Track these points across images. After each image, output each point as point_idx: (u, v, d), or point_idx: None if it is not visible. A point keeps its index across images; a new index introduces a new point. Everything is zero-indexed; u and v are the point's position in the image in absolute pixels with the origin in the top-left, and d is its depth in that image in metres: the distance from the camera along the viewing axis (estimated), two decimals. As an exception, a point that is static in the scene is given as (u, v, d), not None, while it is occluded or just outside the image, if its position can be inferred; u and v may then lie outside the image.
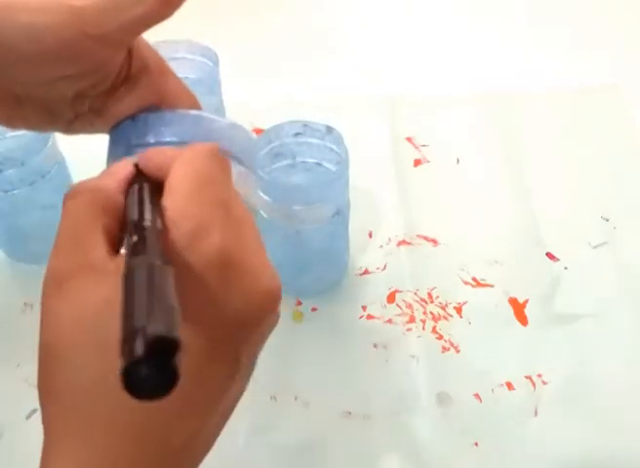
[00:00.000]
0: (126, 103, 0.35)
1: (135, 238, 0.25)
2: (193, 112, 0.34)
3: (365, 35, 0.83)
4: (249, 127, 0.69)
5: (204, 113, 0.35)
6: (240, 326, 0.28)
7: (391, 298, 0.57)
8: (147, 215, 0.27)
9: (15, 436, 0.49)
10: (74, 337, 0.26)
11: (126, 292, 0.22)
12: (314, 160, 0.54)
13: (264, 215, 0.52)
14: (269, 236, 0.55)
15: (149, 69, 0.35)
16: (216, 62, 0.59)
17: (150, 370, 0.20)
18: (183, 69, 0.60)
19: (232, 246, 0.28)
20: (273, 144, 0.53)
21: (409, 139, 0.70)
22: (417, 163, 0.68)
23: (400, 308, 0.56)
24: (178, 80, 0.36)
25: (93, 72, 0.33)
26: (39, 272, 0.58)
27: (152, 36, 0.60)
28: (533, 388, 0.51)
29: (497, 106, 0.73)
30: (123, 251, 0.28)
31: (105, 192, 0.30)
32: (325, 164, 0.54)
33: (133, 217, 0.27)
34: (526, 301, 0.56)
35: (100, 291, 0.27)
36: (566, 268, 0.58)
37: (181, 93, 0.36)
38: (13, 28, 0.29)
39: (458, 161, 0.68)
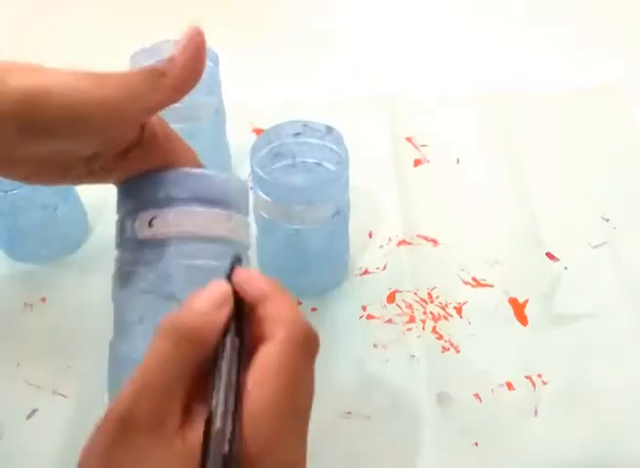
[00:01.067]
0: (137, 165, 0.38)
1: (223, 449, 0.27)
2: (195, 170, 0.39)
3: (365, 35, 0.83)
4: (249, 127, 0.70)
5: (205, 171, 0.39)
6: None
7: (391, 298, 0.57)
8: (229, 411, 0.28)
9: (15, 436, 0.49)
10: None
11: None
12: (314, 160, 0.54)
13: (264, 215, 0.52)
14: (269, 236, 0.55)
15: (157, 134, 0.38)
16: (216, 63, 0.59)
17: None
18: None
19: (292, 462, 0.29)
20: (273, 144, 0.53)
21: (409, 139, 0.70)
22: (417, 163, 0.68)
23: (400, 308, 0.56)
24: (180, 141, 0.40)
25: (109, 142, 0.36)
26: (39, 272, 0.59)
27: (153, 36, 0.60)
28: (533, 388, 0.51)
29: (497, 106, 0.73)
30: (197, 435, 0.28)
31: (206, 344, 0.30)
32: (325, 164, 0.54)
33: (215, 418, 0.28)
34: (526, 301, 0.56)
35: (161, 457, 0.28)
36: (566, 268, 0.58)
37: (184, 153, 0.40)
38: (48, 109, 0.32)
39: (458, 161, 0.68)
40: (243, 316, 0.31)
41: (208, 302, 0.31)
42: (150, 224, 0.37)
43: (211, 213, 0.38)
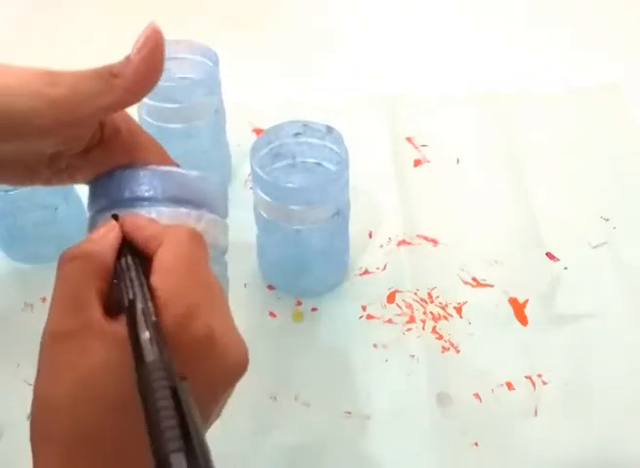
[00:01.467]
0: (101, 163, 0.37)
1: (147, 334, 0.28)
2: (163, 168, 0.38)
3: (365, 35, 0.83)
4: (249, 127, 0.70)
5: (173, 168, 0.38)
6: (213, 392, 0.32)
7: (391, 298, 0.57)
8: (147, 301, 0.30)
9: (15, 436, 0.49)
10: (73, 393, 0.29)
11: (154, 406, 0.26)
12: (314, 160, 0.54)
13: (264, 216, 0.52)
14: (269, 236, 0.55)
15: (120, 131, 0.37)
16: (216, 62, 0.59)
17: None
18: (183, 69, 0.60)
19: (215, 324, 0.31)
20: (273, 144, 0.53)
21: (409, 139, 0.70)
22: (417, 163, 0.68)
23: (400, 308, 0.56)
24: (148, 137, 0.39)
25: (66, 142, 0.35)
26: (39, 272, 0.58)
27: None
28: (533, 388, 0.51)
29: (497, 106, 0.73)
30: (122, 322, 0.30)
31: (100, 257, 0.33)
32: (325, 164, 0.54)
33: (136, 305, 0.30)
34: (526, 301, 0.56)
35: (98, 352, 0.30)
36: (566, 268, 0.58)
37: (153, 150, 0.39)
38: None
39: (458, 161, 0.68)
40: (131, 246, 0.34)
41: (95, 233, 0.34)
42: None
43: (177, 212, 0.37)
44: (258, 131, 0.69)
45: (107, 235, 0.34)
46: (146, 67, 0.34)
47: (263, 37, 0.82)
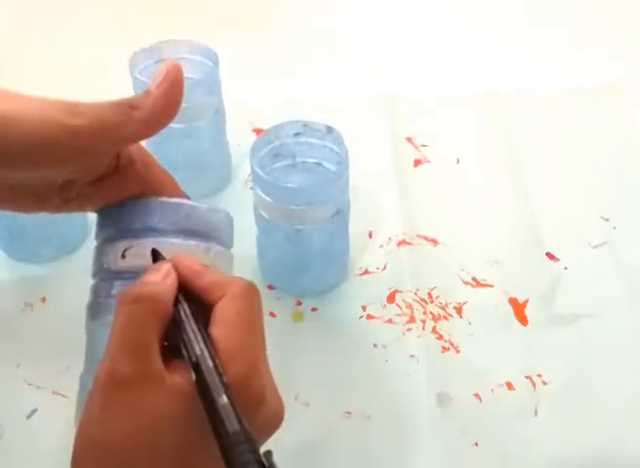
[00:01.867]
0: (114, 193, 0.38)
1: (225, 399, 0.29)
2: (174, 200, 0.38)
3: (365, 35, 0.83)
4: (249, 127, 0.70)
5: (184, 201, 0.38)
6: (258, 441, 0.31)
7: (391, 298, 0.57)
8: (212, 354, 0.31)
9: (15, 436, 0.49)
10: (128, 442, 0.29)
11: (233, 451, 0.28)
12: (314, 160, 0.54)
13: (264, 216, 0.52)
14: (269, 236, 0.55)
15: (134, 162, 0.38)
16: (216, 62, 0.59)
17: None
18: (183, 69, 0.60)
19: (269, 383, 0.33)
20: (273, 144, 0.53)
21: (409, 139, 0.70)
22: (417, 163, 0.68)
23: (400, 308, 0.56)
24: (160, 169, 0.39)
25: (81, 171, 0.36)
26: (39, 272, 0.58)
27: (153, 36, 0.60)
28: (533, 388, 0.51)
29: (497, 106, 0.73)
30: (184, 376, 0.31)
31: (165, 303, 0.33)
32: (325, 164, 0.54)
33: (207, 362, 0.31)
34: (526, 301, 0.56)
35: (158, 404, 0.30)
36: (566, 268, 0.58)
37: (164, 181, 0.39)
38: (13, 137, 0.32)
39: (458, 161, 0.68)
40: (186, 291, 0.34)
41: (153, 274, 0.34)
42: (123, 256, 0.37)
43: (186, 244, 0.37)
44: (258, 131, 0.69)
45: (166, 279, 0.34)
46: (166, 101, 0.34)
47: (263, 37, 0.82)
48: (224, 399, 0.29)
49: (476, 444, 0.48)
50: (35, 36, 0.82)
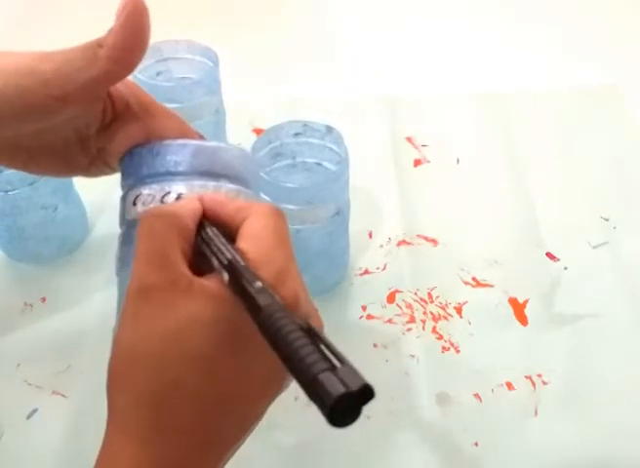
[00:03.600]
0: (122, 141, 0.37)
1: (258, 284, 0.29)
2: (177, 141, 0.37)
3: (365, 35, 0.83)
4: (249, 127, 0.70)
5: (187, 141, 0.37)
6: None
7: (391, 298, 0.57)
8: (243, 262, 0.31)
9: (15, 436, 0.49)
10: (161, 345, 0.30)
11: (288, 339, 0.26)
12: (314, 160, 0.54)
13: (264, 215, 0.52)
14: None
15: (131, 106, 0.37)
16: (216, 62, 0.59)
17: (348, 408, 0.25)
18: (183, 69, 0.60)
19: (300, 293, 0.32)
20: (273, 144, 0.53)
21: (409, 139, 0.70)
22: (417, 163, 0.68)
23: (400, 308, 0.56)
24: (162, 110, 0.38)
25: (72, 121, 0.36)
26: (39, 272, 0.58)
27: (153, 36, 0.60)
28: (533, 388, 0.51)
29: (497, 106, 0.73)
30: (212, 279, 0.31)
31: (184, 218, 0.33)
32: (325, 164, 0.54)
33: (237, 260, 0.30)
34: (526, 301, 0.56)
35: (186, 306, 0.30)
36: (566, 268, 0.58)
37: (167, 122, 0.38)
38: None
39: (458, 161, 0.68)
40: (212, 220, 0.34)
41: (177, 202, 0.35)
42: (134, 203, 0.36)
43: (191, 185, 0.36)
44: (258, 131, 0.69)
45: (188, 204, 0.34)
46: (126, 34, 0.33)
47: (263, 37, 0.82)
48: (258, 283, 0.29)
49: (476, 444, 0.48)
50: (35, 36, 0.82)
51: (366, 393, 0.26)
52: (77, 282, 0.57)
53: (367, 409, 0.53)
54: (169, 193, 0.36)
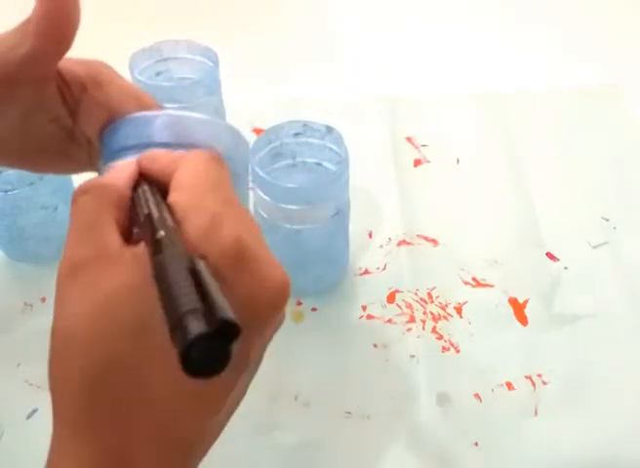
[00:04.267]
0: (88, 126, 0.37)
1: (162, 232, 0.26)
2: (132, 116, 0.36)
3: (365, 35, 0.83)
4: (249, 127, 0.70)
5: (141, 113, 0.36)
6: (253, 318, 0.28)
7: (391, 298, 0.57)
8: (164, 213, 0.29)
9: (15, 436, 0.49)
10: (86, 321, 0.27)
11: (168, 280, 0.24)
12: (314, 160, 0.54)
13: (264, 215, 0.52)
14: (269, 236, 0.55)
15: (88, 88, 0.37)
16: (216, 62, 0.59)
17: (210, 349, 0.22)
18: (183, 69, 0.60)
19: (246, 237, 0.28)
20: (273, 144, 0.53)
21: (409, 139, 0.70)
22: (417, 163, 0.68)
23: (400, 308, 0.56)
24: (120, 86, 0.38)
25: (30, 108, 0.35)
26: (39, 272, 0.58)
27: (153, 36, 0.60)
28: (533, 388, 0.51)
29: (497, 106, 0.73)
30: (142, 244, 0.28)
31: (114, 187, 0.31)
32: (325, 164, 0.54)
33: (152, 214, 0.28)
34: (526, 301, 0.56)
35: (117, 277, 0.27)
36: (566, 268, 0.58)
37: (124, 98, 0.37)
38: None
39: (458, 161, 0.68)
40: (148, 178, 0.32)
41: (112, 169, 0.33)
42: None
43: (134, 158, 0.34)
44: (258, 131, 0.69)
45: (123, 169, 0.32)
46: (47, 7, 0.33)
47: (263, 37, 0.82)
48: (161, 232, 0.26)
49: (476, 444, 0.48)
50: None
51: (230, 330, 0.22)
52: (77, 282, 0.57)
53: (367, 409, 0.53)
54: None
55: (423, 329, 0.55)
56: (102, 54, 0.40)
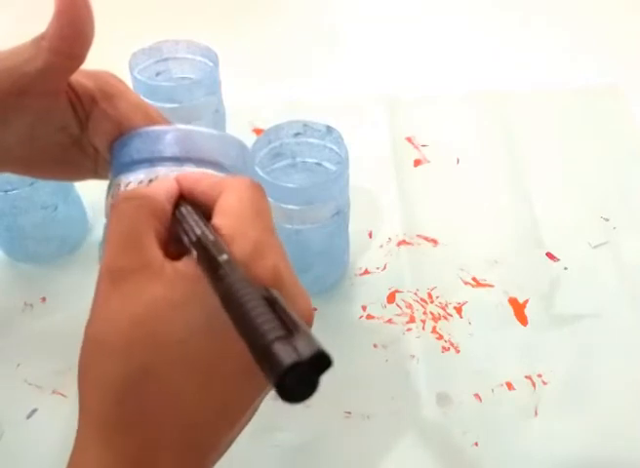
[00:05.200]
0: (97, 137, 0.37)
1: (225, 256, 0.27)
2: (139, 131, 0.37)
3: (365, 35, 0.83)
4: (249, 127, 0.70)
5: (149, 128, 0.37)
6: None
7: (391, 298, 0.57)
8: (218, 237, 0.29)
9: (15, 436, 0.49)
10: (126, 330, 0.28)
11: (246, 307, 0.24)
12: (314, 160, 0.54)
13: (264, 215, 0.52)
14: (269, 236, 0.55)
15: (97, 100, 0.37)
16: (216, 62, 0.59)
17: (301, 377, 0.23)
18: (183, 69, 0.60)
19: (282, 267, 0.30)
20: (273, 144, 0.53)
21: (409, 139, 0.70)
22: (417, 163, 0.68)
23: (400, 308, 0.56)
24: (128, 99, 0.38)
25: (40, 118, 0.36)
26: (39, 272, 0.59)
27: (153, 36, 0.60)
28: (533, 388, 0.51)
29: (497, 106, 0.73)
30: (185, 261, 0.29)
31: (156, 199, 0.31)
32: (325, 164, 0.54)
33: (207, 236, 0.29)
34: (526, 301, 0.56)
35: (156, 289, 0.28)
36: (566, 268, 0.58)
37: (133, 112, 0.38)
38: None
39: (458, 161, 0.68)
40: (189, 199, 0.33)
41: (152, 183, 0.34)
42: (108, 196, 0.37)
43: (154, 171, 0.35)
44: (258, 131, 0.69)
45: (163, 184, 0.33)
46: (61, 24, 0.33)
47: (263, 37, 0.82)
48: (225, 256, 0.27)
49: (476, 444, 0.48)
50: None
51: (321, 361, 0.24)
52: (77, 282, 0.57)
53: (367, 409, 0.53)
54: (129, 183, 0.35)
55: (423, 329, 0.55)
56: (103, 54, 0.40)
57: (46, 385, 0.52)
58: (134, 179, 0.35)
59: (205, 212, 0.32)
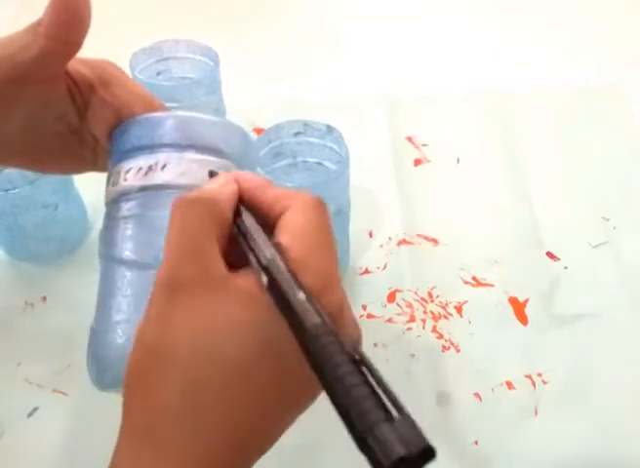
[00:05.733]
0: (96, 125, 0.37)
1: (302, 295, 0.26)
2: (138, 118, 0.36)
3: (365, 35, 0.83)
4: (249, 127, 0.70)
5: (146, 115, 0.37)
6: None
7: (391, 298, 0.57)
8: (286, 260, 0.28)
9: (15, 435, 0.49)
10: (188, 345, 0.28)
11: (345, 387, 0.25)
12: (315, 159, 0.54)
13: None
14: (270, 235, 0.55)
15: (95, 88, 0.37)
16: (216, 62, 0.59)
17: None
18: (183, 69, 0.61)
19: (346, 302, 0.30)
20: (273, 144, 0.53)
21: (409, 139, 0.70)
22: (417, 163, 0.68)
23: (400, 307, 0.56)
24: (127, 87, 0.38)
25: (38, 107, 0.36)
26: (40, 271, 0.59)
27: (153, 36, 0.60)
28: (533, 388, 0.51)
29: (497, 106, 0.73)
30: (249, 279, 0.29)
31: (220, 206, 0.30)
32: (325, 163, 0.54)
33: (279, 265, 0.28)
34: (526, 301, 0.56)
35: (220, 307, 0.28)
36: (566, 268, 0.58)
37: (133, 98, 0.37)
38: None
39: (458, 161, 0.68)
40: (249, 205, 0.32)
41: (212, 182, 0.32)
42: (108, 183, 0.36)
43: (154, 157, 0.35)
44: (258, 131, 0.69)
45: (225, 188, 0.31)
46: (58, 10, 0.33)
47: (263, 37, 0.82)
48: (302, 295, 0.26)
49: (476, 443, 0.48)
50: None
51: (426, 453, 0.23)
52: (78, 281, 0.57)
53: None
54: (129, 170, 0.35)
55: (424, 328, 0.55)
56: (103, 53, 0.40)
57: (46, 384, 0.52)
58: (134, 165, 0.35)
59: (264, 222, 0.31)
